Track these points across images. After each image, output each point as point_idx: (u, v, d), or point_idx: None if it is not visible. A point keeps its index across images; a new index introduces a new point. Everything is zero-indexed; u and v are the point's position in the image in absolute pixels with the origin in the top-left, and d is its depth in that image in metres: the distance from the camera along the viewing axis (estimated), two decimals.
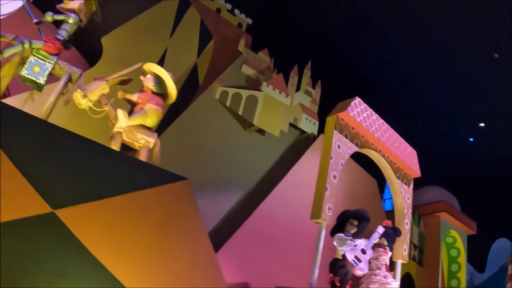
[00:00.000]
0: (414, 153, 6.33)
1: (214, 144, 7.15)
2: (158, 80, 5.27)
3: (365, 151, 5.72)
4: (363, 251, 4.83)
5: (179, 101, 7.32)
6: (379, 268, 5.14)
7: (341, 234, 4.96)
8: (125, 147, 4.87)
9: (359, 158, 6.91)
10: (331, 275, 4.82)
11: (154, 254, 3.77)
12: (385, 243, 5.35)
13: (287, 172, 7.10)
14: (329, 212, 4.84)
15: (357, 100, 5.52)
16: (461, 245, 9.73)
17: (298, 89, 8.29)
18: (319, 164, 5.16)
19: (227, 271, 5.40)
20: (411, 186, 6.38)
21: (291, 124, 7.89)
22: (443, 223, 8.99)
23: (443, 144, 14.12)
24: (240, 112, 7.31)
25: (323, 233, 4.80)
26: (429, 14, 11.94)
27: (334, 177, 5.04)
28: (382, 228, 5.18)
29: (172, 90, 5.31)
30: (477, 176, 14.47)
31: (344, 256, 4.71)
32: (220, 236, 6.27)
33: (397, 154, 5.91)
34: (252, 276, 5.82)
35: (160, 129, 6.31)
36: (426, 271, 8.77)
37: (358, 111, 5.46)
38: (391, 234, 5.44)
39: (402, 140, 6.15)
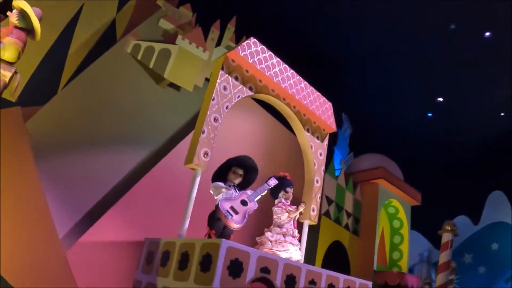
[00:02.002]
0: (329, 105, 5.79)
1: (123, 99, 6.56)
2: (23, 15, 4.72)
3: (262, 97, 5.15)
4: (244, 203, 4.30)
5: (93, 57, 6.78)
6: (279, 227, 4.63)
7: (219, 183, 4.45)
8: None
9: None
10: (208, 228, 4.31)
11: None
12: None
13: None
14: (204, 157, 4.27)
15: (252, 40, 4.96)
16: (403, 215, 9.28)
17: (219, 44, 7.71)
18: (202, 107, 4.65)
19: (123, 226, 5.01)
20: (326, 141, 5.85)
21: (208, 80, 7.32)
22: (381, 190, 8.50)
23: (400, 120, 13.79)
24: (151, 66, 6.71)
25: (198, 180, 4.26)
26: None
27: (215, 119, 4.47)
28: (275, 180, 4.68)
29: (36, 24, 4.76)
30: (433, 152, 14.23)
31: (217, 206, 4.21)
32: (121, 194, 5.74)
33: (306, 104, 5.37)
34: (149, 230, 5.29)
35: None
36: (362, 241, 8.31)
37: (252, 52, 4.88)
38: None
39: (317, 92, 5.62)
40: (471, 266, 13.58)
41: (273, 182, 4.59)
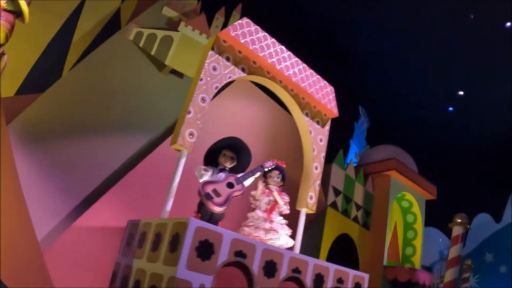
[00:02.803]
0: (330, 89, 5.56)
1: (124, 85, 6.52)
2: None
3: (256, 78, 4.97)
4: (230, 185, 4.14)
5: (97, 46, 6.77)
6: (269, 212, 4.46)
7: (200, 166, 4.33)
8: None
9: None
10: (195, 212, 4.17)
11: None
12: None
13: None
14: (190, 138, 4.12)
15: (245, 20, 4.80)
16: (417, 210, 8.91)
17: None
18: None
19: (117, 211, 4.95)
20: (327, 127, 5.62)
21: None
22: (394, 183, 8.18)
23: (420, 113, 13.34)
24: (152, 53, 6.64)
25: (183, 161, 4.12)
26: None
27: (203, 100, 4.32)
28: (271, 163, 4.52)
29: (24, 7, 4.74)
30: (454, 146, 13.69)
31: (199, 188, 4.06)
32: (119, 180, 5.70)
33: (305, 87, 5.17)
34: (143, 214, 5.24)
35: None
36: (372, 235, 8.02)
37: (244, 32, 4.72)
38: (285, 176, 4.78)
39: (317, 75, 5.40)
40: (492, 265, 13.05)
41: (269, 164, 4.44)
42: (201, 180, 4.17)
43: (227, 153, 4.38)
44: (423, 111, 13.55)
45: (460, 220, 6.87)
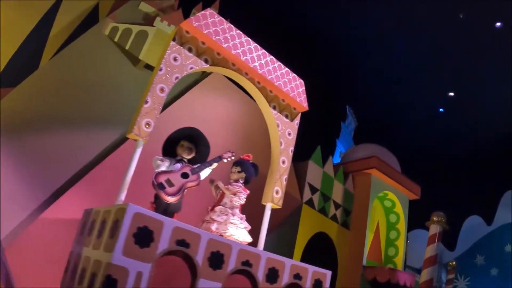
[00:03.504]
0: (300, 82, 5.48)
1: (98, 80, 6.50)
2: None
3: (220, 70, 4.89)
4: (185, 175, 4.08)
5: (73, 40, 6.77)
6: (232, 208, 4.38)
7: (157, 156, 4.27)
8: None
9: None
10: (150, 203, 4.11)
11: None
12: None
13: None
14: (146, 127, 4.05)
15: (209, 11, 4.73)
16: (400, 210, 8.81)
17: None
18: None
19: (85, 203, 4.85)
20: (296, 121, 5.55)
21: None
22: (374, 181, 8.09)
23: (410, 114, 13.24)
24: (127, 47, 6.62)
25: (138, 151, 4.05)
26: None
27: (162, 90, 4.25)
28: (229, 154, 4.46)
29: None
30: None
31: (152, 178, 4.00)
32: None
33: (271, 79, 5.10)
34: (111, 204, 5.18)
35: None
36: (352, 235, 7.92)
37: (208, 23, 4.65)
38: (249, 169, 4.70)
39: (285, 68, 5.33)
40: (483, 268, 12.89)
41: (227, 155, 4.38)
42: (157, 170, 4.11)
43: (185, 143, 4.32)
44: (413, 112, 13.45)
45: (436, 219, 6.72)
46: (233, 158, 4.50)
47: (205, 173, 4.27)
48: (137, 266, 2.99)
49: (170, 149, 4.37)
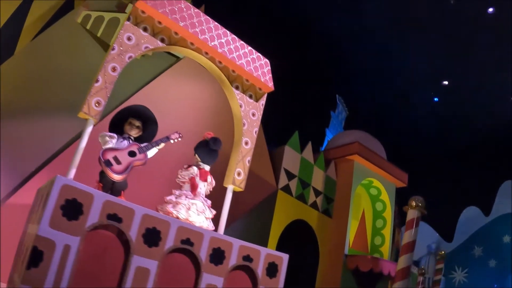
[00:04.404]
0: (265, 62, 5.36)
1: (71, 67, 6.49)
2: None
3: (178, 49, 4.82)
4: (132, 153, 4.02)
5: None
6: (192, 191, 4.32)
7: (105, 132, 4.22)
8: None
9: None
10: (96, 181, 4.07)
11: None
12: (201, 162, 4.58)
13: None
14: (96, 106, 4.01)
15: None
16: (386, 197, 8.65)
17: None
18: None
19: None
20: (262, 101, 5.44)
21: None
22: (357, 168, 7.95)
23: (404, 103, 13.01)
24: (99, 35, 6.59)
25: (89, 130, 4.01)
26: None
27: (113, 69, 4.19)
28: (177, 135, 4.41)
29: None
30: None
31: (99, 155, 3.95)
32: None
33: (232, 59, 5.01)
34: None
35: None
36: (334, 222, 7.79)
37: (164, 2, 4.59)
38: (204, 148, 4.63)
39: (248, 47, 5.24)
40: (481, 260, 12.68)
41: (175, 136, 4.33)
42: (104, 147, 4.06)
43: (133, 121, 4.27)
44: (409, 102, 13.25)
45: (415, 203, 6.54)
46: (179, 139, 4.43)
47: (151, 153, 4.23)
48: (64, 238, 2.94)
49: (117, 125, 4.32)
